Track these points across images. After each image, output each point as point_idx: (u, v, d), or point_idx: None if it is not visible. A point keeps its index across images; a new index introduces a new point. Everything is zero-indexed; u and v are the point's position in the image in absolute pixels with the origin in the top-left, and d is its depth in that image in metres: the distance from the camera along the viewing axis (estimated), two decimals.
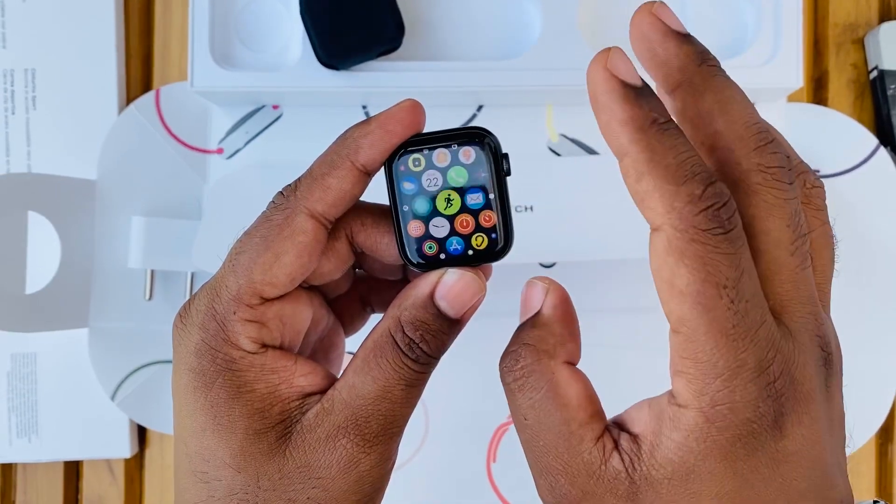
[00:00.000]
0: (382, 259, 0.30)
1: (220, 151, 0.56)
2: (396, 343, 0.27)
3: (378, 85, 0.52)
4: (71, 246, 0.53)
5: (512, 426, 0.54)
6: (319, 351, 0.33)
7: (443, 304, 0.27)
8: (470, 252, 0.28)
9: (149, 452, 0.57)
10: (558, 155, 0.55)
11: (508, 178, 0.28)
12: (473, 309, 0.28)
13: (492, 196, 0.28)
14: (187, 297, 0.54)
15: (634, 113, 0.23)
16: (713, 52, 0.53)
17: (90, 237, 0.54)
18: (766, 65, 0.52)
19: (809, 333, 0.23)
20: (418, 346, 0.27)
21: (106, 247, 0.54)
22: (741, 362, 0.22)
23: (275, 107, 0.55)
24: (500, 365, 0.26)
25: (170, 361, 0.55)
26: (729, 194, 0.22)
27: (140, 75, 0.58)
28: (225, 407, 0.26)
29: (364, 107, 0.55)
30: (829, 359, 0.24)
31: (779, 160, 0.24)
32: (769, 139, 0.24)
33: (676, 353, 0.23)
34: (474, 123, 0.55)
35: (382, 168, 0.28)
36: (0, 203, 0.48)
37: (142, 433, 0.57)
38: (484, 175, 0.28)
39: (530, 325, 0.27)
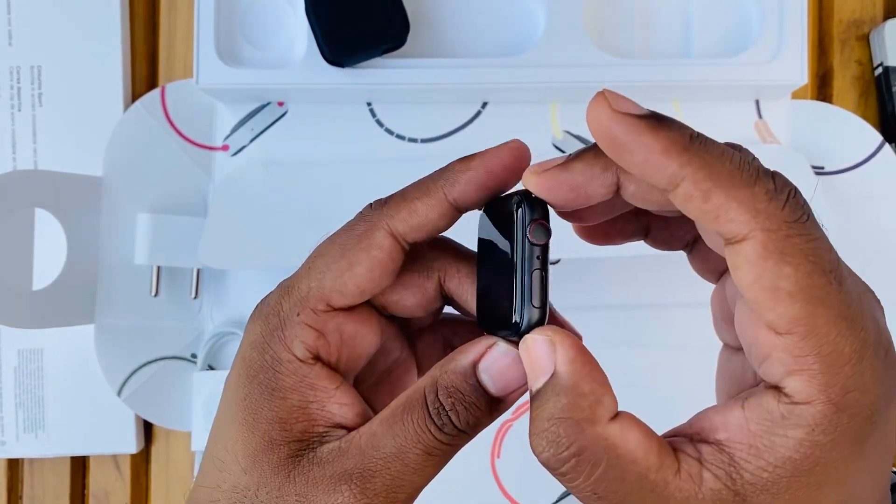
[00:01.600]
0: (467, 311, 0.29)
1: (225, 148, 0.56)
2: (427, 405, 0.25)
3: (383, 82, 0.52)
4: (77, 242, 0.53)
5: (516, 422, 0.55)
6: (385, 384, 0.31)
7: (484, 378, 0.25)
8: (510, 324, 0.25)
9: (155, 448, 0.57)
10: (563, 152, 0.55)
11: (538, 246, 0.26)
12: (520, 393, 0.26)
13: (518, 269, 0.25)
14: (193, 294, 0.55)
15: (671, 136, 0.21)
16: (716, 49, 0.54)
17: (96, 234, 0.54)
18: (770, 62, 0.52)
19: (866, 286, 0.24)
20: (447, 414, 0.25)
21: (112, 243, 0.55)
22: (863, 341, 0.21)
23: (280, 104, 0.56)
24: (536, 450, 0.23)
25: (175, 358, 0.55)
26: (789, 183, 0.22)
27: (146, 73, 0.58)
28: (255, 405, 0.26)
29: (369, 104, 0.55)
30: None
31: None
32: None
33: (789, 354, 0.21)
34: (479, 120, 0.55)
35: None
36: (6, 200, 0.48)
37: (148, 429, 0.57)
38: (515, 243, 0.25)
39: (552, 393, 0.23)
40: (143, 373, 0.54)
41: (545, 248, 0.25)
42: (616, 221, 0.28)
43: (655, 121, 0.22)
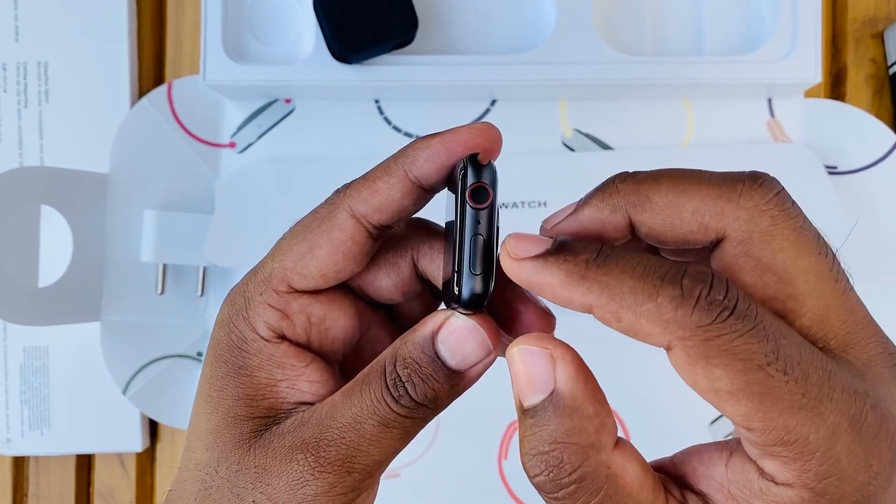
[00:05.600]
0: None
1: (232, 145, 0.55)
2: (384, 376, 0.25)
3: (391, 79, 0.52)
4: (83, 239, 0.53)
5: None
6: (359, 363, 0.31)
7: (443, 350, 0.25)
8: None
9: (160, 446, 0.57)
10: (572, 150, 0.55)
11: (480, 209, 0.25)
12: (481, 368, 0.25)
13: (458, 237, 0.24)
14: (199, 292, 0.54)
15: (567, 268, 0.21)
16: (728, 46, 0.53)
17: (102, 231, 0.54)
18: (783, 60, 0.52)
19: (883, 358, 0.22)
20: (403, 385, 0.24)
21: (118, 240, 0.54)
22: (833, 427, 0.20)
23: (287, 101, 0.55)
24: (531, 472, 0.22)
25: (182, 356, 0.55)
26: (708, 270, 0.21)
27: (152, 69, 0.57)
28: (220, 382, 0.26)
29: (377, 101, 0.55)
30: None
31: (772, 186, 0.22)
32: (743, 176, 0.22)
33: (755, 445, 0.21)
34: (488, 118, 0.55)
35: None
36: (13, 196, 0.48)
37: (153, 427, 0.57)
38: (482, 227, 0.24)
39: (553, 413, 0.22)
40: (149, 371, 0.54)
41: (490, 212, 0.24)
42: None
43: (553, 255, 0.22)
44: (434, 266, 0.27)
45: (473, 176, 0.24)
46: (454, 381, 0.25)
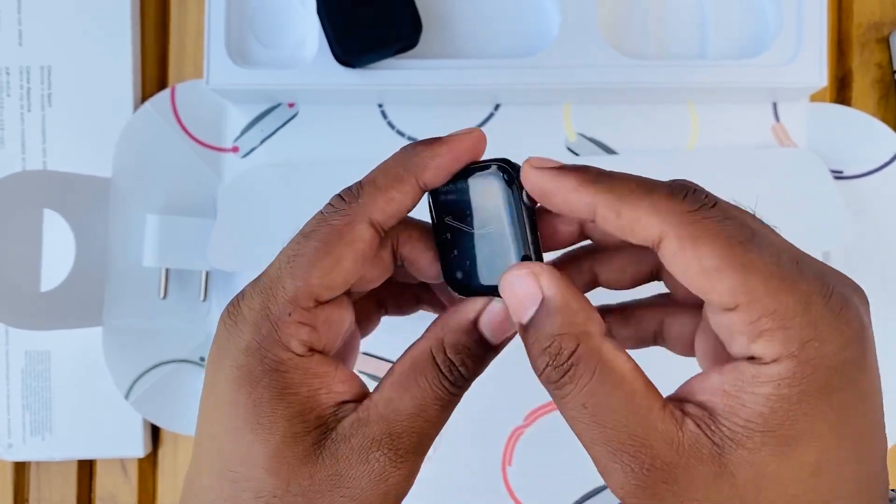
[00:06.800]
0: (419, 275, 0.31)
1: (235, 150, 0.55)
2: (437, 364, 0.28)
3: (394, 83, 0.52)
4: (85, 244, 0.52)
5: (528, 429, 0.54)
6: (341, 352, 0.33)
7: (486, 331, 0.28)
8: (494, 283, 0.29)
9: (162, 452, 0.57)
10: (577, 155, 0.55)
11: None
12: (510, 339, 0.29)
13: (510, 229, 0.28)
14: (202, 296, 0.54)
15: (580, 176, 0.26)
16: (733, 50, 0.53)
17: (105, 235, 0.54)
18: (788, 64, 0.51)
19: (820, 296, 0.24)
20: (458, 368, 0.28)
21: (121, 245, 0.54)
22: (805, 293, 0.23)
23: (290, 105, 0.55)
24: (538, 368, 0.26)
25: (184, 361, 0.55)
26: (693, 184, 0.25)
27: (155, 73, 0.57)
28: (268, 407, 0.26)
29: (380, 105, 0.55)
30: None
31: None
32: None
33: (745, 323, 0.23)
34: (491, 122, 0.55)
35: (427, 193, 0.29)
36: (16, 200, 0.48)
37: (155, 433, 0.57)
38: (507, 207, 0.28)
39: (546, 315, 0.26)
40: (151, 376, 0.54)
41: (534, 210, 0.29)
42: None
43: (569, 167, 0.27)
44: (415, 253, 0.30)
45: (517, 178, 0.28)
46: (492, 356, 0.29)
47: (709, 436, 0.23)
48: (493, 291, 0.28)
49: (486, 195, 0.29)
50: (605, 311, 0.32)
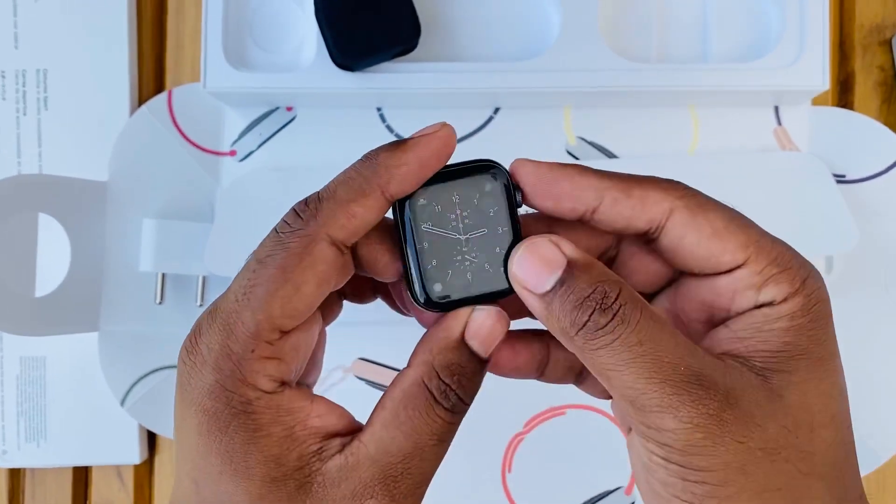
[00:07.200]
0: (375, 275, 0.28)
1: (232, 153, 0.55)
2: (430, 391, 0.26)
3: (393, 86, 0.51)
4: (81, 248, 0.52)
5: (528, 436, 0.53)
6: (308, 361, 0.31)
7: (474, 344, 0.26)
8: (476, 291, 0.27)
9: (158, 458, 0.56)
10: (577, 158, 0.54)
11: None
12: (499, 343, 0.27)
13: (501, 231, 0.27)
14: (199, 301, 0.54)
15: (582, 167, 0.27)
16: (735, 53, 0.53)
17: (101, 240, 0.53)
18: (790, 67, 0.51)
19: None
20: (454, 392, 0.26)
21: (117, 249, 0.54)
22: (786, 245, 0.26)
23: (289, 108, 0.55)
24: (579, 321, 0.24)
25: None
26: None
27: (152, 76, 0.57)
28: (241, 452, 0.25)
29: (379, 109, 0.54)
30: None
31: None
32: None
33: (754, 273, 0.25)
34: (491, 126, 0.54)
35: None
36: (11, 204, 0.48)
37: (151, 439, 0.56)
38: (496, 209, 0.27)
39: (579, 270, 0.25)
40: (148, 382, 0.54)
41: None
42: (518, 351, 0.29)
43: (568, 163, 0.27)
44: (373, 254, 0.28)
45: (510, 177, 0.27)
46: (485, 370, 0.27)
47: (749, 367, 0.24)
48: (479, 300, 0.27)
49: (475, 197, 0.27)
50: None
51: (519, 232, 0.27)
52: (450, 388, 0.26)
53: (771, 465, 0.23)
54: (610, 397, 0.30)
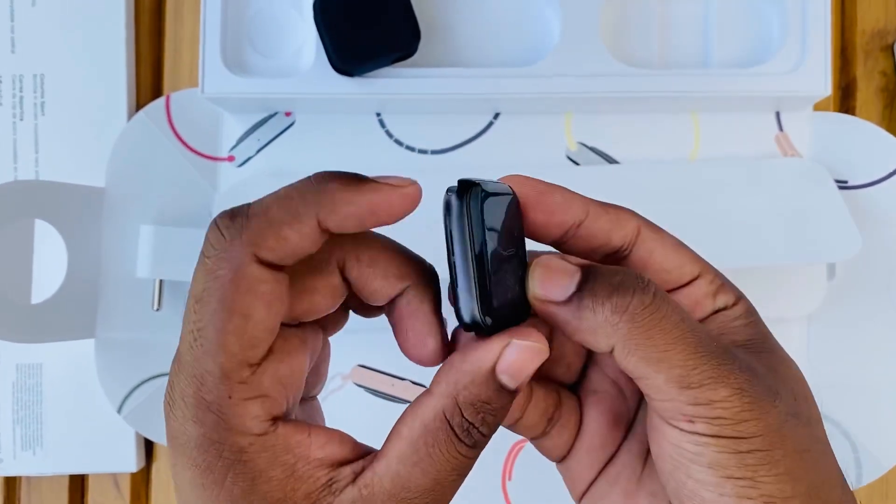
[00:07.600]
0: (366, 299, 0.27)
1: (231, 159, 0.55)
2: (453, 429, 0.24)
3: (393, 92, 0.51)
4: (78, 255, 0.51)
5: (528, 444, 0.53)
6: (311, 372, 0.29)
7: (505, 378, 0.24)
8: (509, 315, 0.25)
9: (155, 467, 0.56)
10: (577, 164, 0.54)
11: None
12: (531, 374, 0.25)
13: (519, 253, 0.25)
14: None
15: (597, 201, 0.28)
16: (736, 59, 0.52)
17: (98, 246, 0.53)
18: (792, 72, 0.51)
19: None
20: (478, 430, 0.24)
21: (114, 256, 0.53)
22: (717, 270, 0.29)
23: (287, 114, 0.54)
24: (621, 304, 0.24)
25: None
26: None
27: (150, 81, 0.57)
28: (245, 502, 0.23)
29: (378, 114, 0.54)
30: None
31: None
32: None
33: (708, 284, 0.28)
34: (491, 131, 0.54)
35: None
36: (7, 210, 0.47)
37: (149, 447, 0.56)
38: (517, 231, 0.26)
39: (600, 270, 0.25)
40: (145, 389, 0.53)
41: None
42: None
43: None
44: (363, 277, 0.26)
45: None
46: (512, 402, 0.25)
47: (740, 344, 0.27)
48: (507, 325, 0.25)
49: (504, 215, 0.25)
50: None
51: (525, 256, 0.26)
52: (472, 426, 0.24)
53: (797, 427, 0.24)
54: (562, 459, 0.31)
